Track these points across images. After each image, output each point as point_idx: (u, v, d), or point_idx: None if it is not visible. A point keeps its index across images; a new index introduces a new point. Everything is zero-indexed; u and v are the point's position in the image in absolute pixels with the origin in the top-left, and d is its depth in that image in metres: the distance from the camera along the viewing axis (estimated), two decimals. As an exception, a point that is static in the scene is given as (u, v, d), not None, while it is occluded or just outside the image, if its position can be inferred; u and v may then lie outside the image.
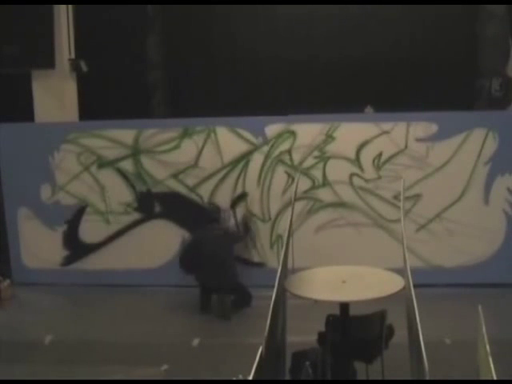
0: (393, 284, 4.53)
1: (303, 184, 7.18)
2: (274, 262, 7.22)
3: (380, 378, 4.55)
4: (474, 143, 7.07)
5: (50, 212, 7.63)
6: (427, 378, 2.62)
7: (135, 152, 7.48)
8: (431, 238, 7.23)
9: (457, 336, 5.61)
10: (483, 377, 2.70)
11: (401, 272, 4.46)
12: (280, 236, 7.30)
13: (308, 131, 7.26)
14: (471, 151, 7.09)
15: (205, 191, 7.43)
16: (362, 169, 7.26)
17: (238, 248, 7.14)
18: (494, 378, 2.41)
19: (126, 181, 7.55)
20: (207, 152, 7.38)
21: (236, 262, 6.96)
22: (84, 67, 8.02)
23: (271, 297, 3.53)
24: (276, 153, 7.32)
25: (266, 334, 3.10)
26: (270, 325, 3.24)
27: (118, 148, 7.50)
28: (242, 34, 9.00)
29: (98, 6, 8.27)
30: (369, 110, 8.09)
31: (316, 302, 4.56)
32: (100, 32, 8.59)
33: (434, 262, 7.22)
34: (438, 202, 7.18)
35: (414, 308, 3.28)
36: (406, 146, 7.16)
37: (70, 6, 7.93)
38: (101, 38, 8.58)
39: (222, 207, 7.29)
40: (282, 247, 4.82)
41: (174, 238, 7.48)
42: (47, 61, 7.68)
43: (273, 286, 3.75)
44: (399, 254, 4.34)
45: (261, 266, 7.42)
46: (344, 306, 4.50)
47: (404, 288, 4.25)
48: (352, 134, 7.21)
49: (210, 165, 7.40)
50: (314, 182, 7.31)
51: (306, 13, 8.73)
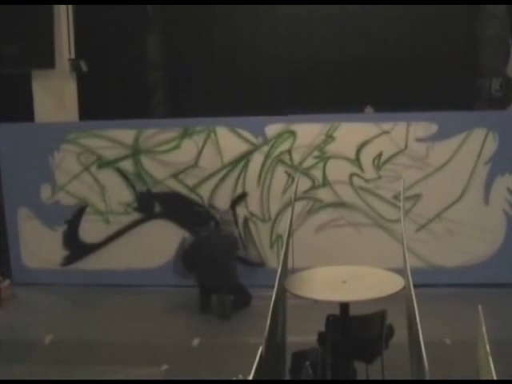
0: (393, 284, 4.53)
1: (303, 184, 7.18)
2: (274, 262, 7.22)
3: (380, 378, 4.55)
4: (474, 143, 7.07)
5: (49, 212, 7.63)
6: (427, 378, 2.62)
7: (135, 152, 7.48)
8: (431, 238, 7.23)
9: (457, 336, 5.61)
10: (483, 377, 2.70)
11: (401, 272, 4.46)
12: (280, 236, 7.30)
13: (308, 131, 7.25)
14: (471, 151, 7.08)
15: (205, 191, 7.43)
16: (362, 169, 7.26)
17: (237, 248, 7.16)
18: (494, 378, 2.41)
19: (126, 181, 7.55)
20: (207, 152, 7.38)
21: (236, 262, 6.96)
22: (84, 67, 8.01)
23: (271, 297, 3.53)
24: (276, 153, 7.32)
25: (265, 334, 3.10)
26: (270, 325, 3.24)
27: (117, 148, 7.50)
28: (242, 34, 9.00)
29: (98, 6, 8.27)
30: (369, 110, 8.09)
31: (316, 301, 4.56)
32: (100, 32, 8.59)
33: (434, 262, 7.22)
34: (438, 202, 7.18)
35: (414, 308, 3.28)
36: (406, 146, 7.16)
37: (70, 6, 7.93)
38: (101, 38, 8.58)
39: (222, 208, 7.30)
40: (282, 247, 4.82)
41: (174, 238, 7.48)
42: (47, 61, 7.68)
43: (273, 286, 3.74)
44: (399, 254, 4.34)
45: (261, 265, 7.43)
46: (344, 306, 4.50)
47: (404, 288, 4.26)
48: (352, 134, 7.21)
49: (210, 165, 7.40)
50: (313, 182, 7.31)
51: (306, 13, 8.73)
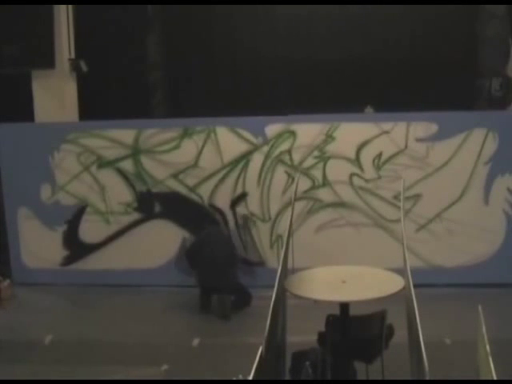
0: (393, 284, 4.53)
1: (303, 184, 7.18)
2: (274, 262, 7.22)
3: (380, 378, 4.55)
4: (474, 143, 7.07)
5: (50, 212, 7.63)
6: (427, 378, 2.62)
7: (135, 152, 7.48)
8: (431, 238, 7.23)
9: (457, 336, 5.61)
10: (483, 377, 2.70)
11: (401, 272, 4.46)
12: (280, 236, 7.30)
13: (308, 131, 7.25)
14: (471, 151, 7.08)
15: (205, 191, 7.43)
16: (362, 169, 7.26)
17: (238, 248, 7.16)
18: (494, 378, 2.41)
19: (126, 181, 7.55)
20: (207, 152, 7.38)
21: (237, 262, 6.96)
22: (84, 67, 8.01)
23: (271, 297, 3.53)
24: (276, 153, 7.31)
25: (265, 334, 3.09)
26: (270, 325, 3.24)
27: (117, 148, 7.50)
28: (242, 34, 9.00)
29: (98, 6, 8.27)
30: (369, 110, 8.09)
31: (316, 301, 4.56)
32: (100, 32, 8.59)
33: (434, 262, 7.22)
34: (438, 202, 7.18)
35: (414, 308, 3.28)
36: (406, 146, 7.15)
37: (70, 6, 7.93)
38: (101, 38, 8.58)
39: (222, 209, 7.31)
40: (282, 247, 4.82)
41: (174, 238, 7.48)
42: (47, 61, 7.68)
43: (273, 286, 3.74)
44: (399, 254, 4.34)
45: (261, 265, 7.43)
46: (344, 306, 4.50)
47: (404, 288, 4.26)
48: (352, 134, 7.21)
49: (210, 165, 7.40)
50: (313, 182, 7.31)
51: (305, 13, 8.73)
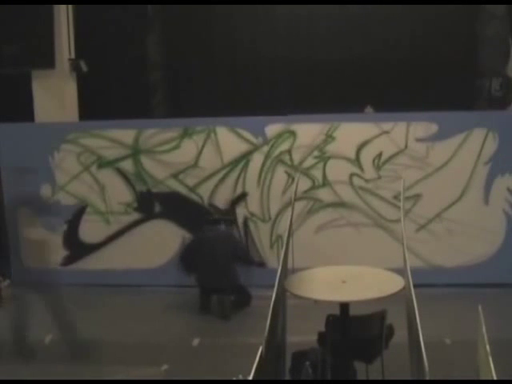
0: (393, 284, 4.53)
1: (303, 184, 7.18)
2: (274, 262, 7.22)
3: (380, 378, 4.55)
4: (474, 143, 7.08)
5: (50, 212, 7.62)
6: (427, 378, 2.62)
7: (135, 152, 7.48)
8: (431, 238, 7.23)
9: (457, 336, 5.61)
10: (483, 377, 2.69)
11: (401, 272, 4.46)
12: (280, 236, 7.30)
13: (308, 131, 7.25)
14: (471, 151, 7.09)
15: (205, 191, 7.43)
16: (362, 169, 7.26)
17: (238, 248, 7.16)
18: (494, 378, 2.41)
19: (126, 181, 7.55)
20: (207, 152, 7.38)
21: (236, 262, 6.94)
22: (84, 67, 8.01)
23: (271, 297, 3.53)
24: (276, 153, 7.32)
25: (265, 334, 3.09)
26: (270, 325, 3.24)
27: (117, 148, 7.50)
28: (242, 34, 8.99)
29: (98, 6, 8.27)
30: (369, 110, 8.09)
31: (316, 301, 4.56)
32: (100, 32, 8.59)
33: (434, 262, 7.22)
34: (438, 202, 7.18)
35: (414, 308, 3.28)
36: (406, 146, 7.16)
37: (70, 6, 7.93)
38: (101, 38, 8.57)
39: (223, 209, 7.31)
40: (282, 247, 4.82)
41: (174, 238, 7.49)
42: (47, 61, 7.68)
43: (273, 286, 3.74)
44: (399, 254, 4.34)
45: (261, 265, 7.42)
46: (344, 306, 4.50)
47: (404, 288, 4.25)
48: (352, 134, 7.21)
49: (210, 165, 7.40)
50: (313, 182, 7.31)
51: (305, 13, 8.73)
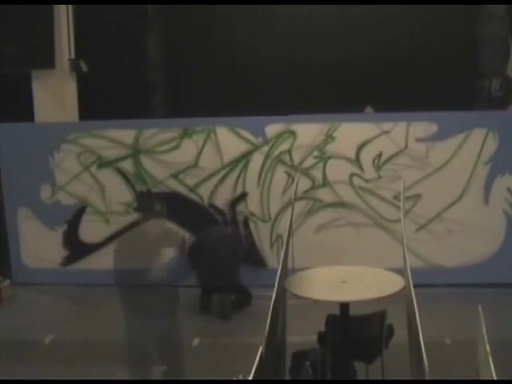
0: (393, 284, 4.53)
1: (303, 184, 7.18)
2: (274, 262, 7.22)
3: (380, 378, 4.55)
4: (474, 143, 7.07)
5: (49, 212, 7.63)
6: (427, 378, 2.62)
7: (135, 152, 7.48)
8: (431, 238, 7.23)
9: (457, 336, 5.61)
10: (483, 377, 2.69)
11: (401, 272, 4.46)
12: (280, 236, 7.30)
13: (308, 131, 7.25)
14: (471, 151, 7.08)
15: (205, 191, 7.43)
16: (362, 169, 7.26)
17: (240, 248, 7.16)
18: (494, 378, 2.41)
19: (126, 181, 7.55)
20: (207, 152, 7.38)
21: (239, 262, 6.94)
22: (84, 67, 8.01)
23: (271, 297, 3.53)
24: (276, 153, 7.31)
25: (266, 334, 3.09)
26: (270, 325, 3.24)
27: (117, 148, 7.50)
28: (241, 34, 8.99)
29: (98, 6, 8.26)
30: (369, 110, 8.08)
31: (316, 301, 4.56)
32: (100, 32, 8.58)
33: (434, 262, 7.22)
34: (438, 202, 7.18)
35: (414, 308, 3.27)
36: (406, 146, 7.16)
37: (70, 6, 7.93)
38: (101, 38, 8.57)
39: (224, 209, 7.31)
40: (282, 247, 4.82)
41: (174, 238, 7.47)
42: (47, 61, 7.68)
43: (273, 286, 3.74)
44: (399, 254, 4.33)
45: (261, 265, 7.42)
46: (344, 306, 4.50)
47: (404, 288, 4.25)
48: (352, 134, 7.21)
49: (209, 165, 7.40)
50: (313, 182, 7.31)
51: (305, 13, 8.72)
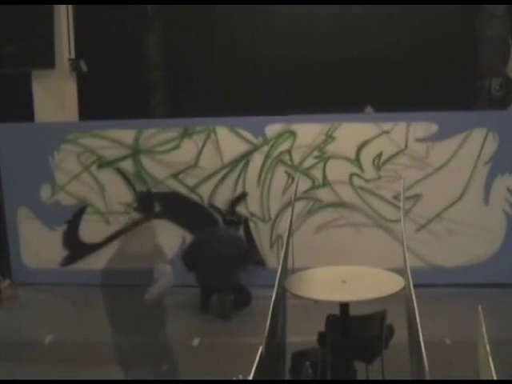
0: (393, 284, 4.53)
1: (303, 184, 7.18)
2: (274, 262, 7.22)
3: (380, 378, 4.55)
4: (474, 143, 7.08)
5: (50, 212, 7.63)
6: (427, 378, 2.62)
7: (135, 152, 7.48)
8: (431, 238, 7.23)
9: (457, 336, 5.62)
10: (483, 377, 2.69)
11: (401, 272, 4.46)
12: (280, 236, 7.30)
13: (308, 131, 7.26)
14: (471, 151, 7.09)
15: (205, 191, 7.43)
16: (362, 169, 7.26)
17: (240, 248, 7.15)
18: (494, 378, 2.41)
19: (126, 181, 7.55)
20: (207, 152, 7.38)
21: (238, 262, 6.93)
22: (84, 67, 8.01)
23: (271, 297, 3.53)
24: (276, 153, 7.32)
25: (266, 334, 3.09)
26: (270, 325, 3.24)
27: (118, 148, 7.50)
28: (242, 34, 8.98)
29: (98, 6, 8.26)
30: (369, 110, 8.08)
31: (316, 302, 4.56)
32: (100, 32, 8.58)
33: (434, 262, 7.22)
34: (438, 201, 7.18)
35: (414, 308, 3.27)
36: (406, 146, 7.16)
37: (70, 6, 7.93)
38: (101, 38, 8.56)
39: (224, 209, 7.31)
40: (282, 247, 4.82)
41: (174, 238, 7.48)
42: (47, 61, 7.68)
43: (273, 286, 3.74)
44: (399, 254, 4.33)
45: (261, 265, 7.42)
46: (344, 306, 4.50)
47: (404, 288, 4.25)
48: (352, 134, 7.21)
49: (209, 165, 7.40)
50: (313, 182, 7.31)
51: (305, 13, 8.72)
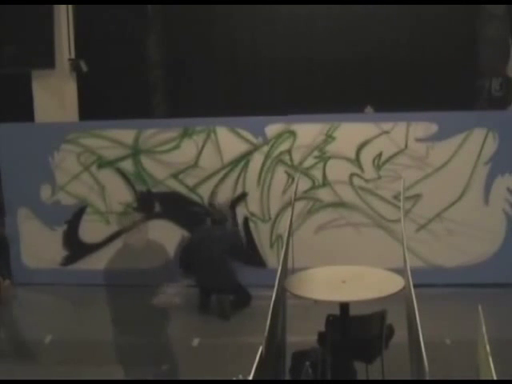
0: (393, 284, 4.53)
1: (303, 184, 7.18)
2: (274, 262, 7.22)
3: (380, 378, 4.55)
4: (474, 143, 7.07)
5: (50, 212, 7.63)
6: (427, 378, 2.62)
7: (135, 152, 7.48)
8: (431, 238, 7.22)
9: (457, 336, 5.61)
10: (483, 377, 2.69)
11: (401, 272, 4.46)
12: (280, 236, 7.30)
13: (308, 131, 7.25)
14: (471, 151, 7.08)
15: (205, 191, 7.43)
16: (362, 169, 7.26)
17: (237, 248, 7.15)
18: (494, 378, 2.41)
19: (126, 181, 7.55)
20: (207, 152, 7.38)
21: (234, 262, 6.93)
22: (84, 67, 8.01)
23: (271, 297, 3.53)
24: (276, 153, 7.31)
25: (265, 334, 3.09)
26: (270, 325, 3.24)
27: (118, 148, 7.50)
28: (242, 34, 9.00)
29: (98, 6, 8.27)
30: (369, 110, 8.09)
31: (316, 302, 4.56)
32: (100, 32, 8.59)
33: (434, 262, 7.22)
34: (438, 202, 7.18)
35: (414, 308, 3.27)
36: (406, 146, 7.15)
37: (70, 6, 7.94)
38: (101, 38, 8.58)
39: (224, 209, 7.30)
40: (282, 247, 4.82)
41: (174, 238, 7.48)
42: (47, 61, 7.69)
43: (273, 286, 3.74)
44: (399, 254, 4.33)
45: (261, 265, 7.42)
46: (344, 306, 4.50)
47: (404, 288, 4.25)
48: (352, 134, 7.21)
49: (209, 165, 7.40)
50: (313, 182, 7.31)
51: (306, 13, 8.73)
